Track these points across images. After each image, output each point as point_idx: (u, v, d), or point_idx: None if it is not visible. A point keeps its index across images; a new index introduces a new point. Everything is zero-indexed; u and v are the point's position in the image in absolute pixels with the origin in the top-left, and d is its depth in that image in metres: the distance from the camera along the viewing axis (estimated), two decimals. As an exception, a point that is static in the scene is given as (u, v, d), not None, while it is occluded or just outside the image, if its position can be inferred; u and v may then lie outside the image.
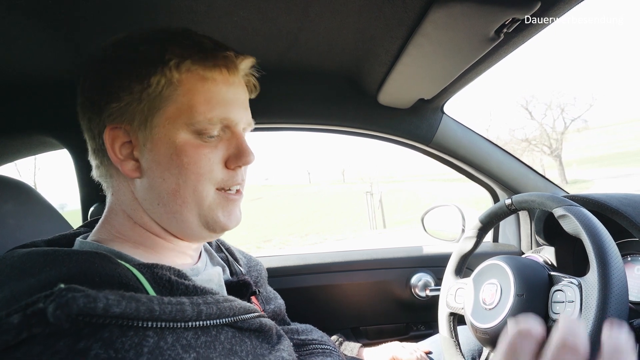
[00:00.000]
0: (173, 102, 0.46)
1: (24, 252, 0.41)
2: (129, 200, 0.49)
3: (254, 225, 14.51)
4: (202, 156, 0.47)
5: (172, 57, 0.45)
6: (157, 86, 0.45)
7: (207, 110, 0.46)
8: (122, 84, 0.45)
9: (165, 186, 0.47)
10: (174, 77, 0.46)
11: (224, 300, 0.44)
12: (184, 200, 0.47)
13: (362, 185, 22.96)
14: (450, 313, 0.82)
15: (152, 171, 0.47)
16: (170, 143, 0.46)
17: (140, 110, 0.46)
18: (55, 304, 0.30)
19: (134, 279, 0.40)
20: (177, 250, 0.52)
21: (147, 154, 0.47)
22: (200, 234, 0.51)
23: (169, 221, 0.49)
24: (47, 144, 1.04)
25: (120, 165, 0.47)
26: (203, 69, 0.47)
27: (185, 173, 0.46)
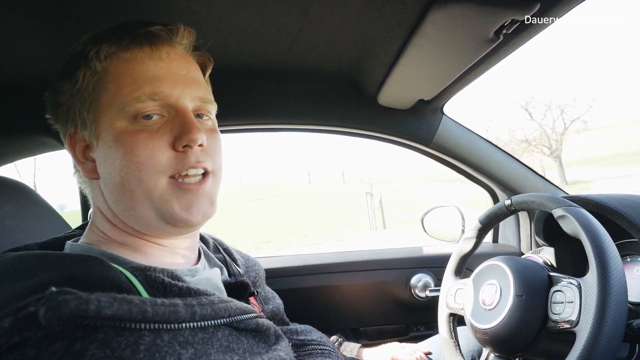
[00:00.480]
0: (104, 92, 0.44)
1: (16, 255, 0.40)
2: (101, 202, 0.49)
3: (253, 226, 14.50)
4: (139, 142, 0.43)
5: (90, 47, 0.44)
6: (84, 80, 0.44)
7: (134, 90, 0.43)
8: (58, 87, 0.46)
9: (113, 181, 0.45)
10: (97, 67, 0.44)
11: (219, 302, 0.43)
12: (132, 194, 0.44)
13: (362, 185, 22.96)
14: (450, 314, 0.82)
15: (102, 169, 0.46)
16: (110, 134, 0.44)
17: (78, 110, 0.45)
18: (47, 307, 0.29)
19: (127, 282, 0.39)
20: (167, 250, 0.51)
21: (99, 152, 0.46)
22: (164, 229, 0.47)
23: (128, 219, 0.47)
24: (47, 144, 1.04)
25: (82, 169, 0.47)
26: (121, 49, 0.44)
27: (125, 164, 0.43)
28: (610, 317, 0.50)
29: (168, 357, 0.35)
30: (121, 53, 0.44)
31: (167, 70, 0.46)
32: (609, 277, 0.52)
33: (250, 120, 1.04)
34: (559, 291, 0.59)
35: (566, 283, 0.59)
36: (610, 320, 0.50)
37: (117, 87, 0.44)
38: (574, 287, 0.57)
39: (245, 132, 1.11)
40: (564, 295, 0.58)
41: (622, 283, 0.53)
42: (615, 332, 0.50)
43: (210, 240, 0.70)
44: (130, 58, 0.44)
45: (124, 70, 0.44)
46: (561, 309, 0.57)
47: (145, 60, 0.45)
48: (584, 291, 0.55)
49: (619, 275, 0.53)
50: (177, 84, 0.46)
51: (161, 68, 0.45)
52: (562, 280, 0.60)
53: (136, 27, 0.45)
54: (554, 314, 0.58)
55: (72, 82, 0.44)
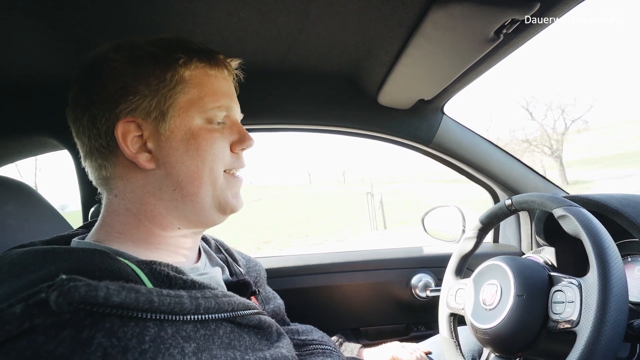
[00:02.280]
0: (184, 95, 0.51)
1: (22, 251, 0.41)
2: (137, 196, 0.50)
3: (254, 226, 14.49)
4: (216, 139, 0.52)
5: (180, 56, 0.51)
6: (171, 81, 0.50)
7: (215, 100, 0.53)
8: (139, 79, 0.49)
9: (184, 169, 0.50)
10: (185, 73, 0.51)
11: (223, 295, 0.44)
12: (201, 181, 0.51)
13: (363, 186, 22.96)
14: (450, 313, 0.82)
15: (170, 158, 0.50)
16: (187, 130, 0.50)
17: (157, 103, 0.49)
18: (58, 292, 0.30)
19: (133, 274, 0.40)
20: (171, 250, 0.52)
21: (164, 143, 0.50)
22: (211, 216, 0.54)
23: (184, 205, 0.51)
24: (48, 144, 1.05)
25: (135, 158, 0.49)
26: (208, 67, 0.53)
27: (203, 155, 0.51)
28: (611, 317, 0.50)
29: (172, 349, 0.36)
30: (208, 70, 0.53)
31: (231, 90, 0.57)
32: (610, 276, 0.52)
33: (251, 120, 1.04)
34: (559, 291, 0.59)
35: (567, 283, 0.59)
36: (611, 320, 0.50)
37: (199, 94, 0.52)
38: (575, 287, 0.57)
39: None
40: (565, 295, 0.58)
41: (622, 283, 0.53)
42: (616, 331, 0.50)
43: (212, 241, 0.71)
44: (212, 75, 0.54)
45: (205, 82, 0.53)
46: (562, 308, 0.57)
47: (221, 79, 0.55)
48: (584, 291, 0.55)
49: (620, 275, 0.53)
50: (236, 103, 0.58)
51: (229, 88, 0.57)
52: (563, 280, 0.60)
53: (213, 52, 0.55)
54: (554, 314, 0.58)
55: (159, 79, 0.49)
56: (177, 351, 0.36)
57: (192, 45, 0.53)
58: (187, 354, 0.36)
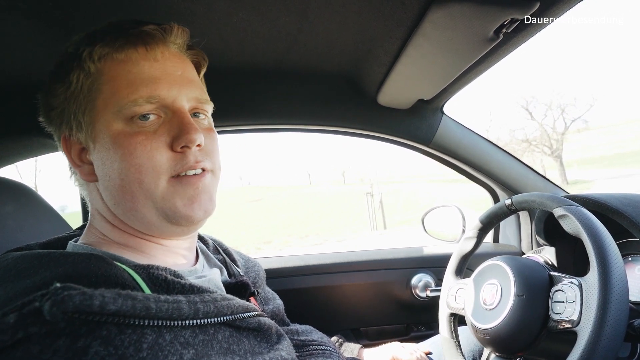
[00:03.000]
0: (99, 94, 0.43)
1: (18, 255, 0.41)
2: (100, 204, 0.49)
3: (254, 226, 14.49)
4: (138, 144, 0.43)
5: (83, 48, 0.43)
6: (78, 82, 0.43)
7: (131, 92, 0.43)
8: (51, 89, 0.45)
9: (112, 184, 0.44)
10: (91, 68, 0.44)
11: (222, 299, 0.43)
12: (132, 195, 0.44)
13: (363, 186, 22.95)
14: (450, 313, 0.82)
15: (101, 171, 0.45)
16: (107, 137, 0.43)
17: (73, 112, 0.44)
18: (51, 302, 0.29)
19: (130, 279, 0.39)
20: (168, 250, 0.51)
21: (96, 155, 0.45)
22: (166, 228, 0.47)
23: (130, 220, 0.47)
24: (48, 145, 1.05)
25: (79, 172, 0.47)
26: (115, 50, 0.43)
27: (125, 166, 0.43)
28: (611, 317, 0.50)
29: (170, 356, 0.35)
30: (115, 54, 0.44)
31: (162, 71, 0.45)
32: (610, 276, 0.52)
33: (251, 120, 1.04)
34: (559, 291, 0.59)
35: (567, 282, 0.59)
36: (611, 320, 0.50)
37: (112, 89, 0.43)
38: (575, 287, 0.57)
39: (245, 133, 1.12)
40: (565, 294, 0.57)
41: (623, 282, 0.52)
42: (616, 331, 0.50)
43: (210, 241, 0.70)
44: (124, 59, 0.44)
45: (119, 72, 0.43)
46: (562, 308, 0.57)
47: (140, 61, 0.44)
48: (585, 291, 0.55)
49: (620, 275, 0.53)
50: (173, 85, 0.46)
51: (156, 69, 0.45)
52: (563, 279, 0.60)
53: (129, 27, 0.44)
54: (554, 314, 0.58)
55: (65, 85, 0.44)
56: (175, 358, 0.35)
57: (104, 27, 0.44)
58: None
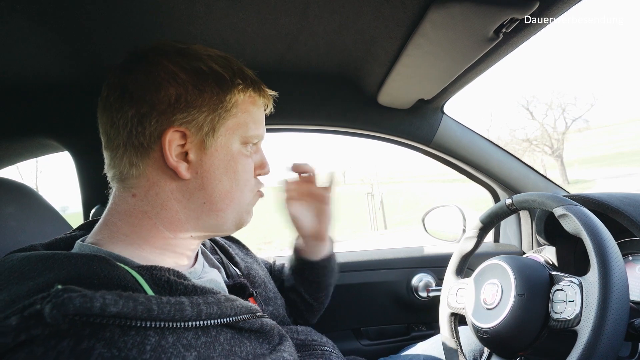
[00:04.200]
0: (234, 117, 0.54)
1: (22, 256, 0.41)
2: (161, 200, 0.49)
3: (255, 227, 14.48)
4: (248, 165, 0.56)
5: (239, 82, 0.54)
6: (229, 103, 0.53)
7: (257, 128, 0.56)
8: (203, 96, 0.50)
9: (220, 187, 0.52)
10: (239, 99, 0.54)
11: (226, 300, 0.44)
12: (231, 200, 0.54)
13: (363, 186, 22.93)
14: (451, 313, 0.82)
15: (209, 173, 0.52)
16: (228, 151, 0.53)
17: (212, 120, 0.51)
18: (52, 304, 0.30)
19: (133, 281, 0.40)
20: (176, 251, 0.52)
21: (207, 158, 0.51)
22: (227, 229, 0.57)
23: (208, 217, 0.53)
24: (49, 146, 1.05)
25: (177, 166, 0.49)
26: (258, 96, 0.57)
27: (238, 177, 0.54)
28: (611, 316, 0.50)
29: (173, 358, 0.35)
30: (257, 98, 0.57)
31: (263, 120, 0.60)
32: (611, 275, 0.52)
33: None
34: (560, 290, 0.59)
35: (567, 282, 0.59)
36: (611, 319, 0.50)
37: (245, 119, 0.54)
38: (575, 286, 0.57)
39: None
40: (565, 294, 0.57)
41: (623, 282, 0.52)
42: (616, 331, 0.50)
43: (207, 242, 0.71)
44: (258, 104, 0.57)
45: (251, 109, 0.56)
46: (562, 307, 0.57)
47: (261, 107, 0.59)
48: (585, 290, 0.55)
49: (621, 274, 0.53)
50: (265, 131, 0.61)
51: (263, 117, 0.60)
52: (563, 279, 0.60)
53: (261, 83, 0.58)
54: (555, 313, 0.58)
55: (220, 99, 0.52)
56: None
57: (247, 72, 0.57)
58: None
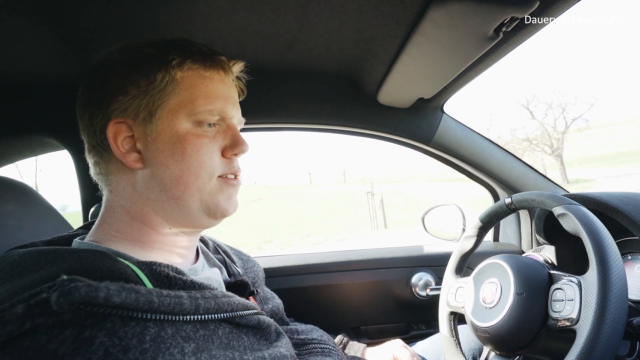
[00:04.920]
0: (175, 96, 0.50)
1: (24, 252, 0.42)
2: (128, 194, 0.51)
3: (255, 226, 14.50)
4: (203, 145, 0.51)
5: (174, 57, 0.50)
6: (162, 82, 0.49)
7: (208, 103, 0.51)
8: (130, 79, 0.49)
9: (169, 173, 0.50)
10: (177, 75, 0.50)
11: (222, 296, 0.45)
12: (186, 185, 0.50)
13: (363, 185, 22.96)
14: (450, 312, 0.82)
15: (155, 160, 0.50)
16: (173, 133, 0.50)
17: (146, 104, 0.50)
18: (59, 293, 0.31)
19: (133, 275, 0.41)
20: (163, 249, 0.53)
21: (151, 145, 0.50)
22: (199, 219, 0.53)
23: (170, 208, 0.51)
24: (48, 144, 1.05)
25: (124, 158, 0.49)
26: (203, 68, 0.52)
27: (188, 160, 0.50)
28: (610, 315, 0.50)
29: (172, 349, 0.36)
30: (202, 71, 0.52)
31: (229, 94, 0.56)
32: (609, 274, 0.52)
33: (250, 119, 1.04)
34: (559, 289, 0.59)
35: (566, 281, 0.59)
36: (610, 318, 0.50)
37: (190, 96, 0.51)
38: (574, 285, 0.57)
39: (245, 132, 1.12)
40: (564, 293, 0.58)
41: (622, 281, 0.53)
42: (615, 329, 0.50)
43: (210, 242, 0.72)
44: (207, 76, 0.53)
45: (199, 84, 0.52)
46: (561, 306, 0.57)
47: (217, 82, 0.54)
48: (584, 289, 0.55)
49: (619, 273, 0.53)
50: (234, 107, 0.56)
51: (226, 91, 0.55)
52: (563, 278, 0.60)
53: (212, 53, 0.54)
54: (554, 312, 0.58)
55: (149, 80, 0.49)
56: (177, 351, 0.36)
57: (192, 46, 0.52)
58: (187, 353, 0.37)
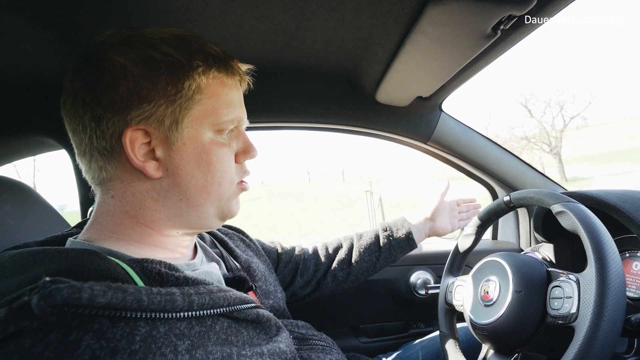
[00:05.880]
0: (200, 105, 0.49)
1: (14, 253, 0.41)
2: (138, 200, 0.49)
3: (254, 225, 14.50)
4: (224, 154, 0.52)
5: (199, 64, 0.49)
6: (189, 90, 0.48)
7: (229, 112, 0.52)
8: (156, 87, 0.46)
9: (194, 183, 0.50)
10: (202, 82, 0.49)
11: (218, 290, 0.44)
12: (209, 194, 0.51)
13: (362, 184, 22.97)
14: (449, 310, 0.82)
15: (180, 169, 0.49)
16: (198, 142, 0.49)
17: (172, 112, 0.47)
18: (39, 295, 0.30)
19: (123, 273, 0.40)
20: (168, 248, 0.52)
21: (174, 154, 0.48)
22: (212, 223, 0.54)
23: (187, 214, 0.51)
24: (46, 144, 1.04)
25: (143, 168, 0.47)
26: (225, 76, 0.52)
27: (213, 170, 0.50)
28: (608, 312, 0.50)
29: (164, 348, 0.35)
30: (224, 78, 0.52)
31: (241, 100, 0.55)
32: (608, 272, 0.52)
33: (249, 118, 1.04)
34: (557, 286, 0.59)
35: (565, 278, 0.59)
36: (608, 315, 0.50)
37: (214, 105, 0.50)
38: (573, 283, 0.57)
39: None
40: (563, 290, 0.58)
41: (620, 278, 0.53)
42: (613, 326, 0.50)
43: (207, 236, 0.71)
44: (227, 84, 0.52)
45: (220, 92, 0.51)
46: (560, 304, 0.57)
47: (234, 89, 0.53)
48: (582, 286, 0.55)
49: (618, 271, 0.53)
50: (245, 113, 0.57)
51: (240, 98, 0.55)
52: (561, 275, 0.60)
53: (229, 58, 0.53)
54: (552, 310, 0.58)
55: (178, 88, 0.47)
56: (169, 350, 0.35)
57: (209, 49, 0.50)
58: (180, 351, 0.36)
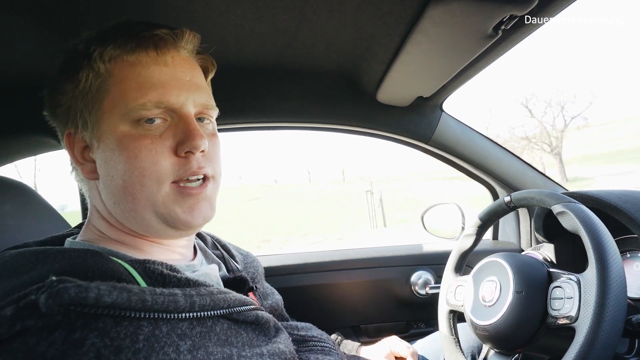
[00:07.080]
0: (107, 95, 0.43)
1: (15, 252, 0.41)
2: (98, 202, 0.49)
3: (254, 225, 14.50)
4: (143, 148, 0.43)
5: (94, 47, 0.43)
6: (87, 81, 0.44)
7: (140, 96, 0.43)
8: (58, 86, 0.45)
9: (114, 184, 0.45)
10: (101, 68, 0.43)
11: (218, 292, 0.44)
12: (134, 197, 0.44)
13: (362, 184, 22.98)
14: (450, 310, 0.82)
15: (103, 170, 0.46)
16: (112, 138, 0.44)
17: (79, 110, 0.44)
18: (47, 294, 0.30)
19: (126, 273, 0.40)
20: (164, 248, 0.52)
21: (99, 154, 0.46)
22: (165, 231, 0.48)
23: (128, 220, 0.47)
24: (47, 144, 1.05)
25: (81, 169, 0.47)
26: (126, 53, 0.44)
27: (128, 168, 0.43)
28: (609, 313, 0.50)
29: (167, 348, 0.35)
30: (126, 56, 0.44)
31: (172, 77, 0.45)
32: (608, 272, 0.52)
33: (249, 118, 1.04)
34: (558, 287, 0.59)
35: (565, 279, 0.59)
36: (609, 316, 0.50)
37: (121, 91, 0.43)
38: (573, 283, 0.57)
39: (244, 131, 1.11)
40: (563, 291, 0.58)
41: (621, 279, 0.53)
42: (614, 327, 0.50)
43: (208, 238, 0.71)
44: (135, 62, 0.44)
45: (129, 74, 0.43)
46: (560, 304, 0.57)
47: (151, 65, 0.44)
48: (583, 287, 0.55)
49: (618, 271, 0.53)
50: (182, 91, 0.46)
51: (166, 74, 0.45)
52: (562, 276, 0.60)
53: (141, 30, 0.44)
54: (553, 310, 0.58)
55: (74, 83, 0.44)
56: (171, 349, 0.35)
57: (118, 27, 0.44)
58: (182, 352, 0.36)
